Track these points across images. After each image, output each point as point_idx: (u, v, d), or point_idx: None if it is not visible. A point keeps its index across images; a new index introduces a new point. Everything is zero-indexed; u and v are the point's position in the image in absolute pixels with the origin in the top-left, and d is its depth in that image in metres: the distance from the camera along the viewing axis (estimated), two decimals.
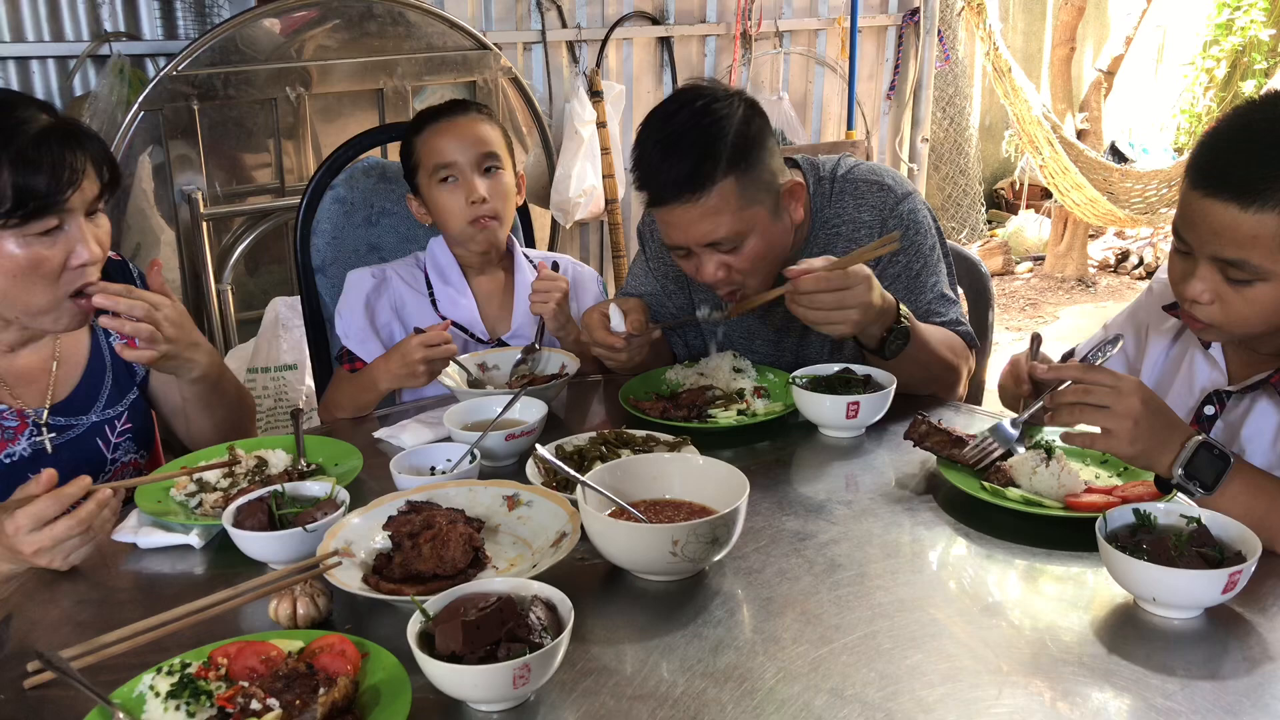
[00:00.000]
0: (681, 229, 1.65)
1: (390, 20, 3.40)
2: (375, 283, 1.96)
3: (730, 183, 1.61)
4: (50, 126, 1.39)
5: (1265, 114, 1.29)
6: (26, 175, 1.34)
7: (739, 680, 1.02)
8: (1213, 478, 1.22)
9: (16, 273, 1.38)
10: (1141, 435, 1.23)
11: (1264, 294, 1.28)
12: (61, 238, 1.40)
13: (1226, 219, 1.25)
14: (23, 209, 1.35)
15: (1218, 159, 1.29)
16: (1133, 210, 5.12)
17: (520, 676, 0.94)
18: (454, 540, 1.17)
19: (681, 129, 1.62)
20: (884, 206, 1.80)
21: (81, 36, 3.27)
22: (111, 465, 1.62)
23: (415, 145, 1.93)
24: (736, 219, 1.63)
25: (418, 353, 1.68)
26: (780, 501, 1.40)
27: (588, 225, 4.26)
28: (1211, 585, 1.06)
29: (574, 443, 1.50)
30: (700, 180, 1.60)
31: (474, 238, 1.91)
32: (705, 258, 1.67)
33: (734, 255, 1.67)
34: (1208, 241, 1.28)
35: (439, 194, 1.90)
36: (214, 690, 0.95)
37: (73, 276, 1.42)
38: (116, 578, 1.28)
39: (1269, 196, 1.22)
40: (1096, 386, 1.25)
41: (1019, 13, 7.07)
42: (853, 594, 1.17)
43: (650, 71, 4.32)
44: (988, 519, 1.32)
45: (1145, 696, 0.98)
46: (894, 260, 1.78)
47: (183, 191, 3.17)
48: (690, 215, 1.62)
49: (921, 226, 1.81)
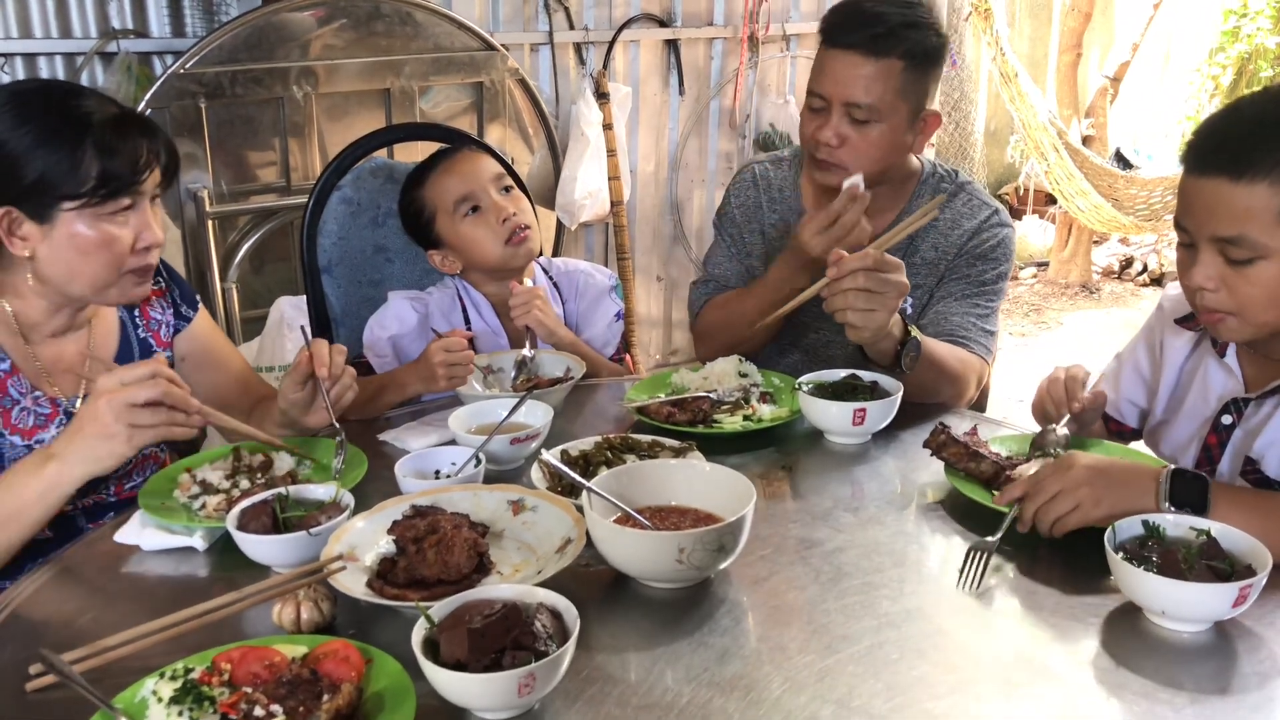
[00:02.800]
0: (835, 77, 1.78)
1: (398, 20, 3.39)
2: (418, 319, 1.94)
3: (900, 65, 1.76)
4: (124, 114, 1.48)
5: (1254, 97, 1.33)
6: (109, 159, 1.43)
7: (745, 690, 1.01)
8: (1200, 499, 1.22)
9: (90, 250, 1.46)
10: (1103, 494, 1.23)
11: (1267, 273, 1.28)
12: (132, 218, 1.48)
13: (1220, 194, 1.27)
14: (104, 189, 1.43)
15: (1208, 139, 1.31)
16: (1137, 217, 5.11)
17: (525, 685, 0.93)
18: (459, 545, 1.16)
19: (894, 7, 1.77)
20: (986, 219, 1.91)
21: (89, 33, 3.27)
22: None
23: (424, 196, 1.93)
24: (886, 95, 1.77)
25: (437, 356, 1.71)
26: (786, 509, 1.39)
27: (592, 227, 4.26)
28: (1222, 599, 1.06)
29: (579, 447, 1.49)
30: (887, 38, 1.74)
31: (515, 255, 1.91)
32: (836, 116, 1.79)
33: (858, 130, 1.79)
34: (1204, 222, 1.30)
35: (467, 228, 1.90)
36: (217, 696, 0.94)
37: (137, 258, 1.50)
38: (119, 580, 1.27)
39: (1259, 167, 1.23)
40: (1040, 485, 1.26)
41: (1026, 18, 7.06)
42: (859, 603, 1.16)
43: (657, 74, 4.31)
44: (994, 528, 1.31)
45: (1154, 710, 0.97)
46: (966, 271, 1.88)
47: (189, 189, 3.17)
48: (852, 69, 1.76)
49: (1006, 247, 1.91)
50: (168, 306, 1.72)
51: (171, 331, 1.71)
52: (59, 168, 1.40)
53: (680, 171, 4.44)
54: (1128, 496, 1.24)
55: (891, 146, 1.83)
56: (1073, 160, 5.00)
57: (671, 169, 4.44)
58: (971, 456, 1.41)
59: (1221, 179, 1.26)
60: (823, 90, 1.80)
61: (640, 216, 4.41)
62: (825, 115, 1.81)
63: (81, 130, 1.42)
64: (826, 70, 1.80)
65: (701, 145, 4.47)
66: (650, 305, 4.56)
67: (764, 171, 2.08)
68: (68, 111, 1.43)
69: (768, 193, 2.05)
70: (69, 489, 1.34)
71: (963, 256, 1.89)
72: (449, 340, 1.72)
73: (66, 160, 1.41)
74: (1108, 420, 1.69)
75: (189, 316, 1.74)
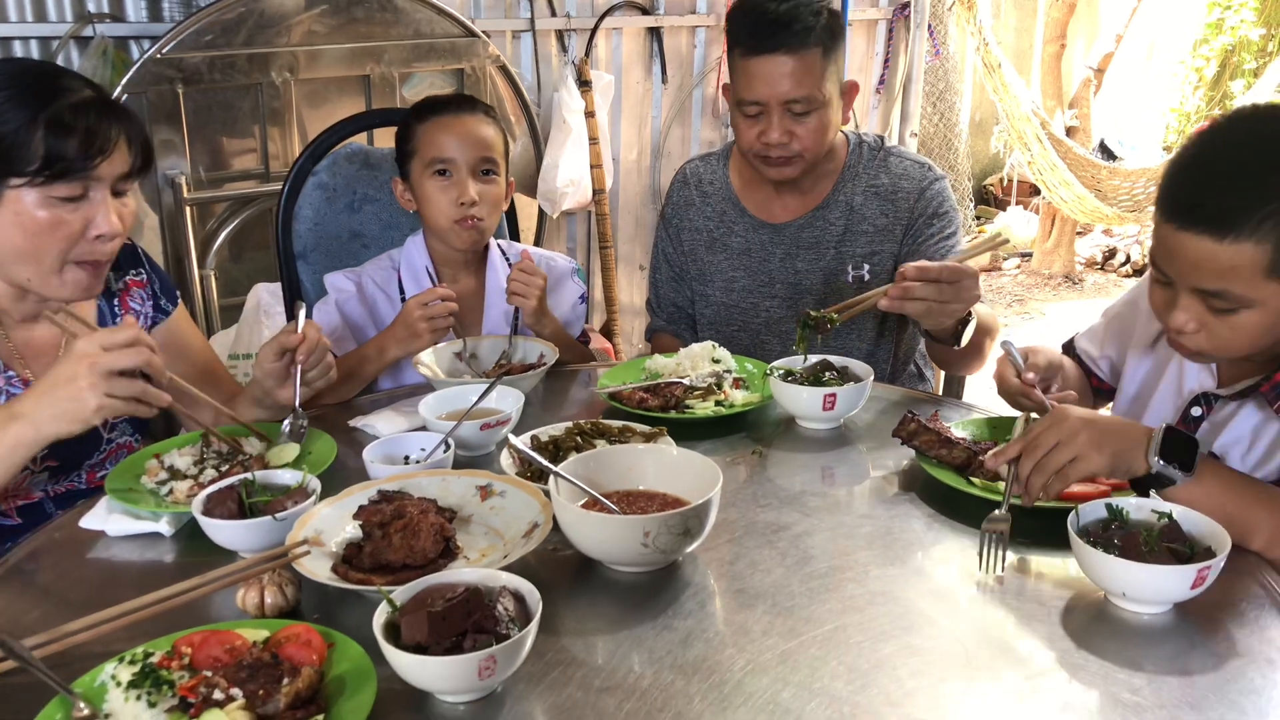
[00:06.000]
0: (768, 82, 1.86)
1: (378, 6, 3.37)
2: (353, 288, 1.95)
3: (818, 53, 1.86)
4: (90, 98, 1.44)
5: (1225, 139, 1.27)
6: (59, 137, 1.39)
7: (707, 673, 1.01)
8: (1189, 458, 1.22)
9: (35, 230, 1.42)
10: (1102, 440, 1.22)
11: (1249, 321, 1.26)
12: (84, 206, 1.44)
13: (1203, 252, 1.23)
14: (49, 169, 1.39)
15: (1186, 192, 1.27)
16: (1120, 208, 5.13)
17: (486, 668, 0.93)
18: (425, 530, 1.16)
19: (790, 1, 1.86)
20: (924, 179, 2.03)
21: (64, 17, 3.23)
22: (106, 445, 1.61)
23: (416, 133, 1.91)
24: (816, 85, 1.87)
25: (415, 312, 1.76)
26: (755, 493, 1.40)
27: (575, 215, 4.25)
28: (1180, 581, 1.07)
29: (549, 433, 1.49)
30: (802, 34, 1.83)
31: (458, 235, 1.91)
32: (777, 117, 1.89)
33: (801, 123, 1.90)
34: (1187, 274, 1.27)
35: (430, 186, 1.89)
36: (176, 680, 0.93)
37: (88, 246, 1.45)
38: (84, 565, 1.27)
39: (1242, 226, 1.20)
40: (1036, 440, 1.25)
41: (1010, 8, 7.07)
42: (824, 586, 1.16)
43: (639, 62, 4.30)
44: (962, 512, 1.32)
45: (1112, 691, 0.98)
46: (928, 232, 2.00)
47: (166, 176, 3.14)
48: (781, 69, 1.85)
49: (952, 203, 2.04)
50: (148, 298, 1.70)
51: (149, 323, 1.70)
52: (6, 141, 1.37)
53: (663, 160, 4.43)
54: (1125, 445, 1.23)
55: (832, 126, 1.96)
56: (1056, 151, 5.01)
57: (654, 157, 4.43)
58: (943, 443, 1.41)
59: (1204, 237, 1.22)
60: (758, 98, 1.89)
61: (623, 205, 4.40)
62: (765, 119, 1.91)
63: (38, 107, 1.38)
64: (756, 78, 1.88)
65: (684, 134, 4.47)
66: (632, 294, 4.55)
67: (694, 169, 2.23)
68: (33, 87, 1.40)
69: (699, 188, 2.19)
70: (35, 449, 1.31)
71: (918, 220, 2.02)
72: (424, 295, 1.77)
73: (15, 135, 1.37)
74: (1090, 376, 1.71)
75: (168, 310, 1.73)
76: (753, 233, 2.11)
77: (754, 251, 2.11)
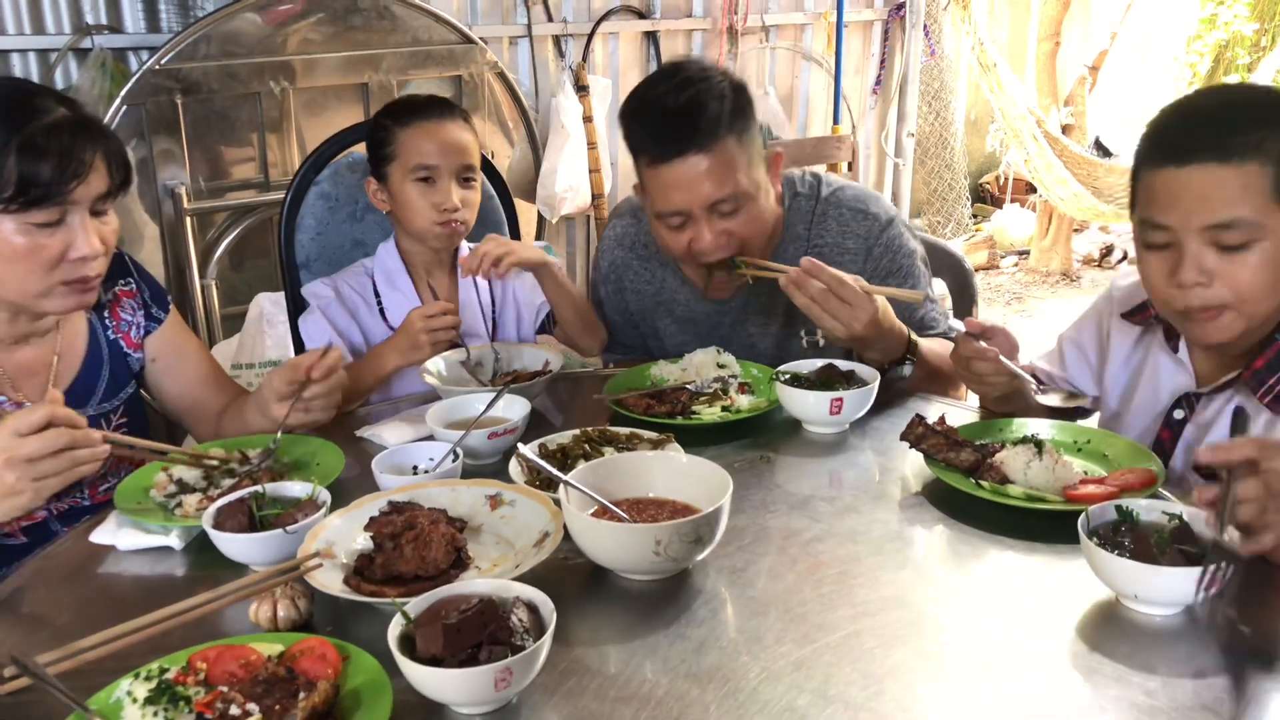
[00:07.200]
0: (686, 188, 1.67)
1: (375, 14, 3.38)
2: (331, 293, 1.96)
3: (733, 140, 1.66)
4: (64, 118, 1.40)
5: (1203, 91, 1.36)
6: (32, 162, 1.35)
7: (722, 681, 1.01)
8: None
9: (13, 257, 1.39)
10: None
11: (1264, 255, 1.25)
12: (62, 230, 1.41)
13: (1209, 180, 1.24)
14: (24, 196, 1.36)
15: (1180, 132, 1.29)
16: (1117, 205, 5.14)
17: (502, 679, 0.93)
18: (436, 541, 1.16)
19: (682, 89, 1.66)
20: (869, 235, 1.86)
21: (63, 29, 3.23)
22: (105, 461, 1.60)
23: (396, 136, 1.90)
24: (740, 178, 1.68)
25: (418, 323, 1.76)
26: (764, 499, 1.40)
27: (574, 220, 4.25)
28: (1192, 582, 1.07)
29: (557, 441, 1.49)
30: (708, 133, 1.64)
31: (438, 236, 1.91)
32: (705, 223, 1.70)
33: (733, 220, 1.71)
34: (1195, 211, 1.26)
35: (411, 191, 1.89)
36: (192, 696, 0.94)
37: (70, 268, 1.43)
38: (95, 580, 1.26)
39: (1245, 146, 1.23)
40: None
41: (1004, 7, 7.07)
42: (836, 592, 1.17)
43: (636, 66, 4.30)
44: (972, 515, 1.32)
45: (1127, 694, 0.98)
46: (888, 280, 1.85)
47: (166, 186, 3.15)
48: (697, 171, 1.65)
49: (905, 249, 1.88)
50: (138, 308, 1.69)
51: (142, 333, 1.69)
52: None
53: None
54: None
55: (768, 210, 1.78)
56: (1052, 149, 5.02)
57: None
58: (951, 447, 1.41)
59: (1209, 164, 1.23)
60: (679, 208, 1.70)
61: None
62: (693, 225, 1.72)
63: (10, 130, 1.35)
64: (671, 187, 1.68)
65: None
66: None
67: (626, 231, 2.04)
68: (4, 110, 1.37)
69: (635, 251, 2.03)
70: None
71: (872, 280, 1.73)
72: (427, 307, 1.77)
73: None
74: None
75: (160, 318, 1.72)
76: (696, 303, 1.97)
77: (700, 320, 1.99)
